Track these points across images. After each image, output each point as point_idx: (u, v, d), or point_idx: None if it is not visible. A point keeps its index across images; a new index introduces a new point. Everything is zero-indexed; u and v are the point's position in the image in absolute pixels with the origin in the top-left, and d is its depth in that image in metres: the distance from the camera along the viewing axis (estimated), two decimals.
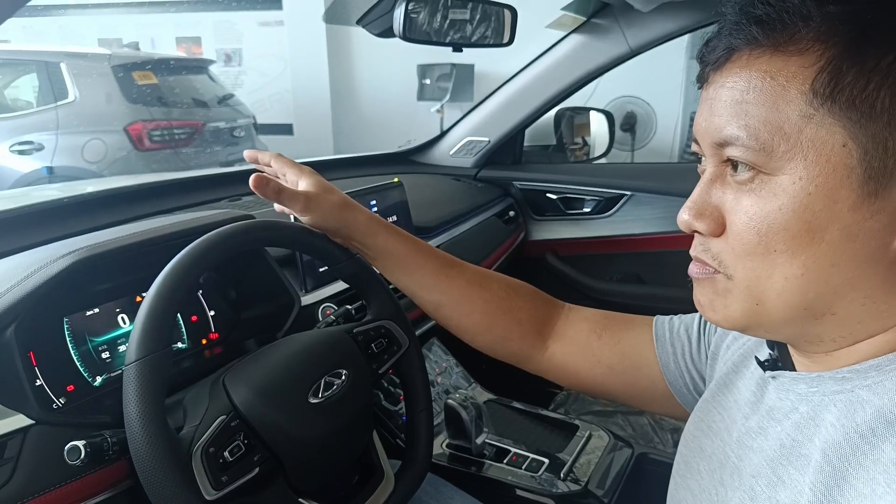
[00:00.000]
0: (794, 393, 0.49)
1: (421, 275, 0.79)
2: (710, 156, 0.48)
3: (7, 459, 0.58)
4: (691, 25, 1.43)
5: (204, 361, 0.83)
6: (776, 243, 0.43)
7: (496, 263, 1.52)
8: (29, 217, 0.94)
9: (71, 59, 4.20)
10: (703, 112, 0.48)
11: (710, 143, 0.47)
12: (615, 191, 1.68)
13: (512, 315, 0.80)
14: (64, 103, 4.10)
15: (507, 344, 0.80)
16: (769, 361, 0.54)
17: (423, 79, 5.45)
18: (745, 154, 0.44)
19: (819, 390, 0.46)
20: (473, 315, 0.80)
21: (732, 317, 0.48)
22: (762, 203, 0.44)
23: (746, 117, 0.43)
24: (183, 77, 4.67)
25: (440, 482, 0.97)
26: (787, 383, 0.50)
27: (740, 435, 0.53)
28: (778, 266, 0.44)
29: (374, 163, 1.76)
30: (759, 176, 0.44)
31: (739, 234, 0.45)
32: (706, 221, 0.48)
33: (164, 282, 0.63)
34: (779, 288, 0.45)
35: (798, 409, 0.47)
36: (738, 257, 0.46)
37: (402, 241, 0.79)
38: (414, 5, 1.14)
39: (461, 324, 0.81)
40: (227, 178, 1.34)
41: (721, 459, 0.55)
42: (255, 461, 0.63)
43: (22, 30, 6.50)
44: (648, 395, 0.75)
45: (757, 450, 0.50)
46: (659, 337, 0.74)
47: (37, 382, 0.65)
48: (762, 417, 0.51)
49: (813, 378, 0.47)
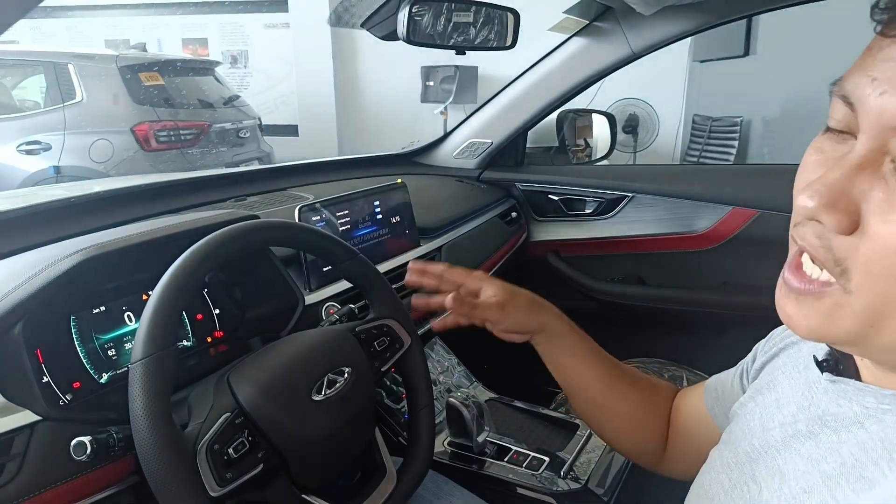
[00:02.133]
0: (857, 404, 0.43)
1: (588, 376, 0.78)
2: (871, 137, 0.36)
3: (14, 455, 0.59)
4: (694, 29, 1.43)
5: (209, 359, 0.84)
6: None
7: (498, 264, 1.53)
8: (36, 216, 0.95)
9: (78, 60, 4.24)
10: (882, 75, 0.36)
11: (886, 125, 0.36)
12: (617, 192, 1.68)
13: (654, 419, 0.78)
14: (71, 104, 4.13)
15: (648, 447, 0.79)
16: (828, 362, 0.48)
17: (427, 81, 5.47)
18: None
19: (893, 409, 0.41)
20: (624, 420, 0.78)
21: (834, 333, 0.40)
22: None
23: None
24: (189, 78, 4.70)
25: (442, 480, 0.97)
26: (851, 392, 0.44)
27: (786, 436, 0.48)
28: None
29: (378, 164, 1.77)
30: None
31: (889, 250, 0.35)
32: (839, 216, 0.37)
33: (170, 280, 0.64)
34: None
35: (864, 426, 0.42)
36: (870, 275, 0.36)
37: (581, 340, 0.79)
38: (418, 8, 1.15)
39: (611, 427, 0.80)
40: (232, 179, 1.35)
41: (752, 455, 0.51)
42: (259, 458, 0.64)
43: (30, 31, 6.55)
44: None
45: (805, 456, 0.45)
46: (707, 388, 0.72)
47: (44, 379, 0.66)
48: (813, 421, 0.46)
49: (886, 395, 0.42)
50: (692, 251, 1.58)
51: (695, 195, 1.57)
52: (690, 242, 1.58)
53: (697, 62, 4.76)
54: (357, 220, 1.12)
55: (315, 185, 1.40)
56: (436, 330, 0.83)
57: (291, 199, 1.22)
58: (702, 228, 1.57)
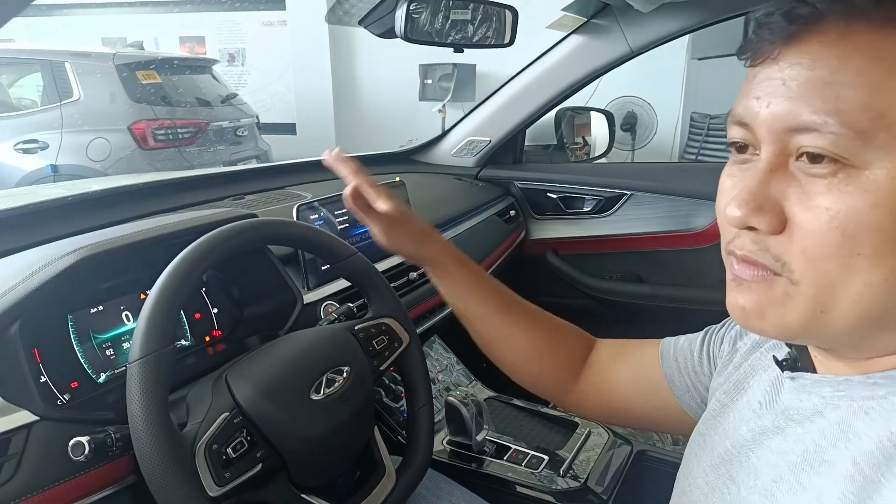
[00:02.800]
0: (816, 395, 0.46)
1: (483, 308, 0.80)
2: (771, 143, 0.41)
3: (12, 455, 0.59)
4: (692, 26, 1.44)
5: (207, 358, 0.84)
6: (863, 245, 0.38)
7: (497, 262, 1.53)
8: (34, 215, 0.94)
9: (75, 58, 4.22)
10: (763, 93, 0.41)
11: (777, 129, 0.41)
12: (615, 190, 1.68)
13: (557, 356, 0.81)
14: (68, 102, 4.11)
15: (547, 381, 0.82)
16: (787, 361, 0.51)
17: (425, 79, 5.46)
18: (833, 143, 0.38)
19: (847, 395, 0.43)
20: (523, 353, 0.81)
21: (787, 326, 0.43)
22: (849, 200, 0.38)
23: (837, 101, 0.38)
24: (186, 76, 4.68)
25: (441, 478, 0.97)
26: (809, 385, 0.47)
27: (755, 434, 0.51)
28: (859, 271, 0.39)
29: (377, 162, 1.77)
30: (845, 169, 0.38)
31: (816, 233, 0.39)
32: (767, 217, 0.41)
33: (168, 279, 0.63)
34: (854, 295, 0.40)
35: (823, 414, 0.45)
36: (809, 260, 0.40)
37: (469, 273, 0.81)
38: (415, 6, 1.14)
39: (510, 360, 0.82)
40: (230, 177, 1.35)
41: (726, 455, 0.53)
42: (258, 458, 0.64)
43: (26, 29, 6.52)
44: (663, 416, 0.74)
45: (776, 450, 0.48)
46: (664, 354, 0.74)
47: (41, 379, 0.66)
48: (777, 416, 0.49)
49: (840, 381, 0.44)
50: (690, 249, 1.58)
51: (693, 193, 1.57)
52: (689, 240, 1.58)
53: (695, 59, 4.75)
54: (355, 218, 1.12)
55: (313, 184, 1.39)
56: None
57: (289, 198, 1.22)
58: (700, 226, 1.57)
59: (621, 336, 0.83)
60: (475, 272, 0.82)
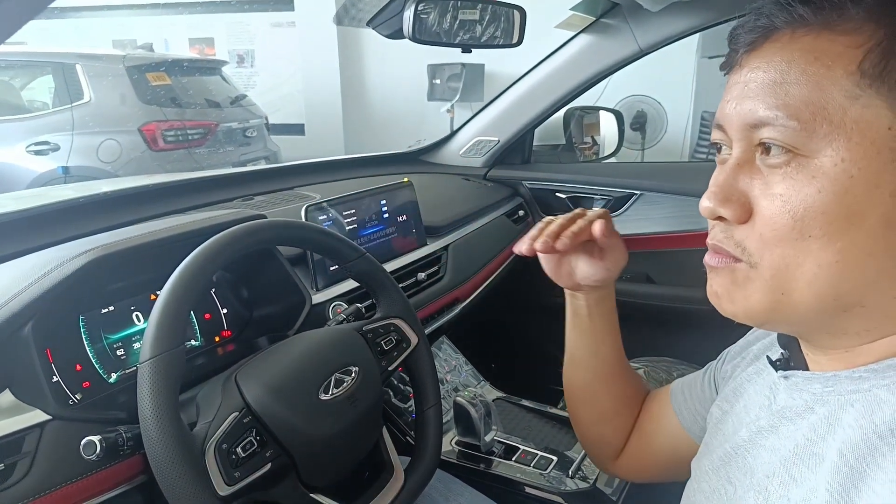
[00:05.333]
0: (807, 393, 0.48)
1: (599, 350, 0.79)
2: (739, 140, 0.46)
3: (25, 454, 0.60)
4: (701, 24, 1.43)
5: (217, 359, 0.85)
6: (812, 228, 0.42)
7: (505, 262, 1.52)
8: (45, 216, 0.95)
9: (86, 60, 4.25)
10: (731, 96, 0.47)
11: (741, 126, 0.45)
12: (625, 190, 1.67)
13: (627, 425, 0.81)
14: (79, 104, 4.15)
15: (606, 447, 0.82)
16: (781, 361, 0.53)
17: (434, 79, 5.46)
18: (783, 134, 0.42)
19: (835, 390, 0.45)
20: (605, 412, 0.80)
21: (753, 308, 0.46)
22: (799, 186, 0.42)
23: (786, 97, 0.42)
24: (196, 78, 4.71)
25: (449, 479, 0.97)
26: (801, 383, 0.49)
27: (751, 434, 0.53)
28: (811, 253, 0.42)
29: (385, 163, 1.77)
30: (796, 158, 0.42)
31: (771, 218, 0.43)
32: (732, 207, 0.46)
33: (179, 280, 0.64)
34: (809, 276, 0.43)
35: (814, 410, 0.46)
36: (766, 244, 0.44)
37: (614, 312, 0.80)
38: (423, 6, 1.14)
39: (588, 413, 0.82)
40: (239, 178, 1.35)
41: (725, 458, 0.55)
42: (267, 457, 0.64)
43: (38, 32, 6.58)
44: (685, 454, 0.69)
45: (770, 448, 0.49)
46: (674, 392, 0.76)
47: (53, 379, 0.67)
48: (773, 416, 0.51)
49: (828, 377, 0.46)
50: (701, 249, 1.56)
51: (703, 193, 1.56)
52: (699, 240, 1.56)
53: (706, 58, 4.73)
54: (364, 219, 1.12)
55: (321, 185, 1.40)
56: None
57: (298, 199, 1.22)
58: None
59: (628, 337, 0.82)
60: (614, 313, 0.80)
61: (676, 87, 4.79)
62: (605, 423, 0.81)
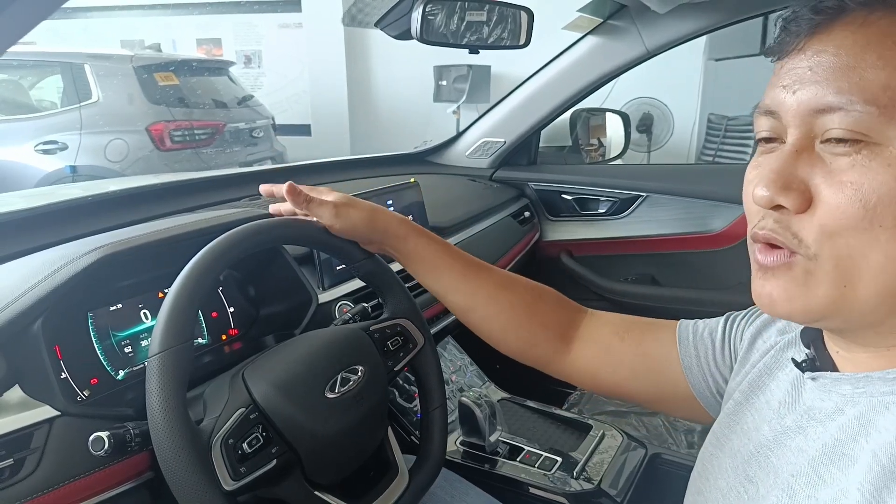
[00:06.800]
0: (836, 394, 0.47)
1: (449, 277, 0.80)
2: (797, 126, 0.44)
3: (34, 449, 0.60)
4: (708, 27, 1.43)
5: (224, 357, 0.85)
6: (884, 218, 0.40)
7: (511, 263, 1.53)
8: (54, 215, 0.96)
9: (94, 60, 4.28)
10: (788, 81, 0.44)
11: (804, 111, 0.43)
12: (631, 192, 1.67)
13: (537, 319, 0.80)
14: (87, 104, 4.17)
15: (533, 348, 0.80)
16: (806, 362, 0.52)
17: (440, 80, 5.46)
18: (857, 120, 0.41)
19: (867, 391, 0.45)
20: (500, 318, 0.80)
21: (814, 305, 0.44)
22: (872, 174, 0.41)
23: (860, 82, 0.41)
24: (204, 78, 4.73)
25: (454, 478, 0.97)
26: (829, 384, 0.48)
27: (776, 434, 0.51)
28: (879, 243, 0.41)
29: (391, 163, 1.77)
30: (868, 146, 0.41)
31: (839, 206, 0.41)
32: (793, 195, 0.43)
33: (187, 277, 0.64)
34: (876, 268, 0.41)
35: (844, 411, 0.46)
36: (828, 234, 0.42)
37: (431, 244, 0.80)
38: (431, 8, 1.15)
39: (488, 328, 0.81)
40: (246, 178, 1.36)
41: (746, 456, 0.54)
42: (273, 453, 0.65)
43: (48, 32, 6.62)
44: (670, 398, 0.74)
45: (796, 449, 0.48)
46: (682, 340, 0.72)
47: (62, 375, 0.67)
48: (800, 417, 0.50)
49: (859, 378, 0.45)
50: (707, 251, 1.57)
51: (710, 195, 1.56)
52: (705, 242, 1.57)
53: (713, 60, 4.71)
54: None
55: (328, 184, 1.40)
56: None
57: None
58: (717, 228, 1.56)
59: None
60: (437, 242, 0.80)
61: (683, 89, 4.79)
62: (502, 336, 0.81)
